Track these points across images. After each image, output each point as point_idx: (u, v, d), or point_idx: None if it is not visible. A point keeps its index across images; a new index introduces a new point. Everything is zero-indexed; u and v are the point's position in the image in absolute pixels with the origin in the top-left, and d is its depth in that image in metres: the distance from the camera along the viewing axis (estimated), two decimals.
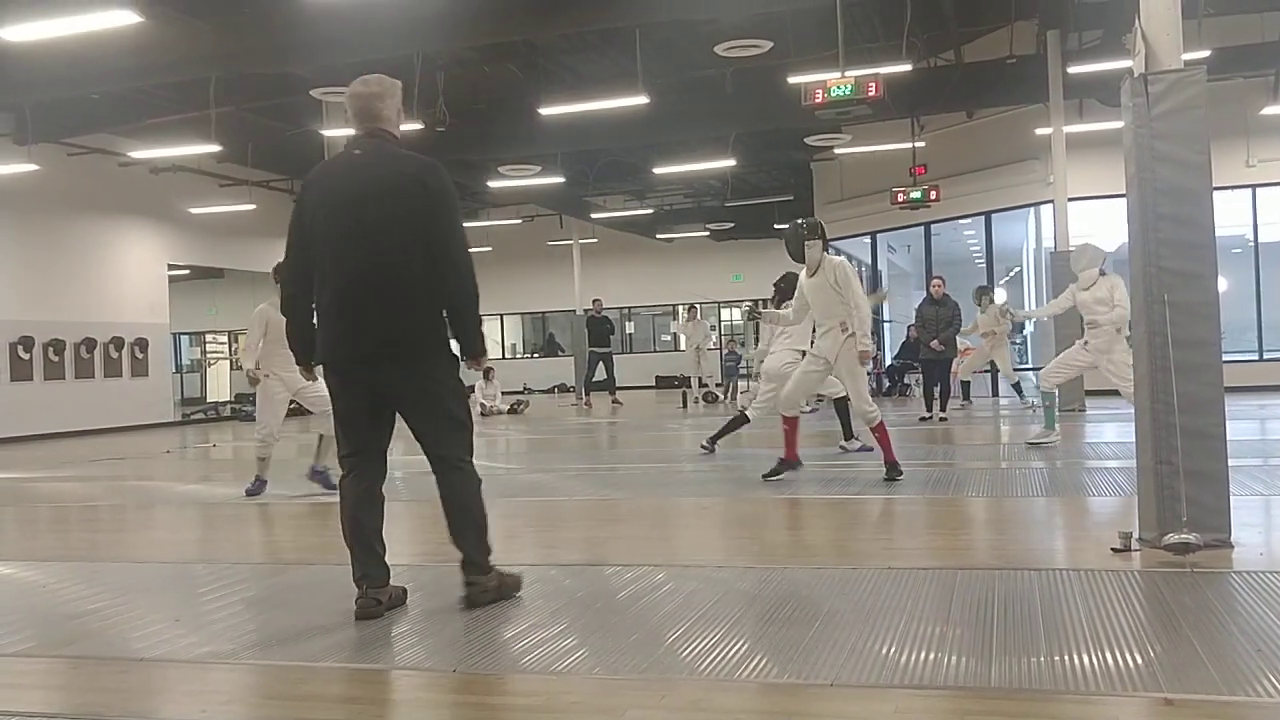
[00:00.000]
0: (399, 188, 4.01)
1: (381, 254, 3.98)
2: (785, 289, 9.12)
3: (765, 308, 9.21)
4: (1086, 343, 8.97)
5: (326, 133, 14.97)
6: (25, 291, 16.54)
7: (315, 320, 4.14)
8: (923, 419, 12.64)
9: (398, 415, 4.19)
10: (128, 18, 9.01)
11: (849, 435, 9.39)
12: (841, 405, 9.31)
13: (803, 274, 7.61)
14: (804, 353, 8.00)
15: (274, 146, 17.43)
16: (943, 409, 12.88)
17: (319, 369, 4.27)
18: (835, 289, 7.32)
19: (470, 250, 4.16)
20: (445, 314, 4.11)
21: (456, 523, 4.15)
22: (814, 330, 7.85)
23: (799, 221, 7.54)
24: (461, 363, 4.30)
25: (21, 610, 4.57)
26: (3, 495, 9.54)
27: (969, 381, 15.12)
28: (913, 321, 19.90)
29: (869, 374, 19.05)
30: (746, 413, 9.56)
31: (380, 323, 3.98)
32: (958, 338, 13.63)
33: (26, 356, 16.50)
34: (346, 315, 4.01)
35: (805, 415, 9.03)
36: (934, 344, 12.93)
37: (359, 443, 4.16)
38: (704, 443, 9.66)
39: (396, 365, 4.02)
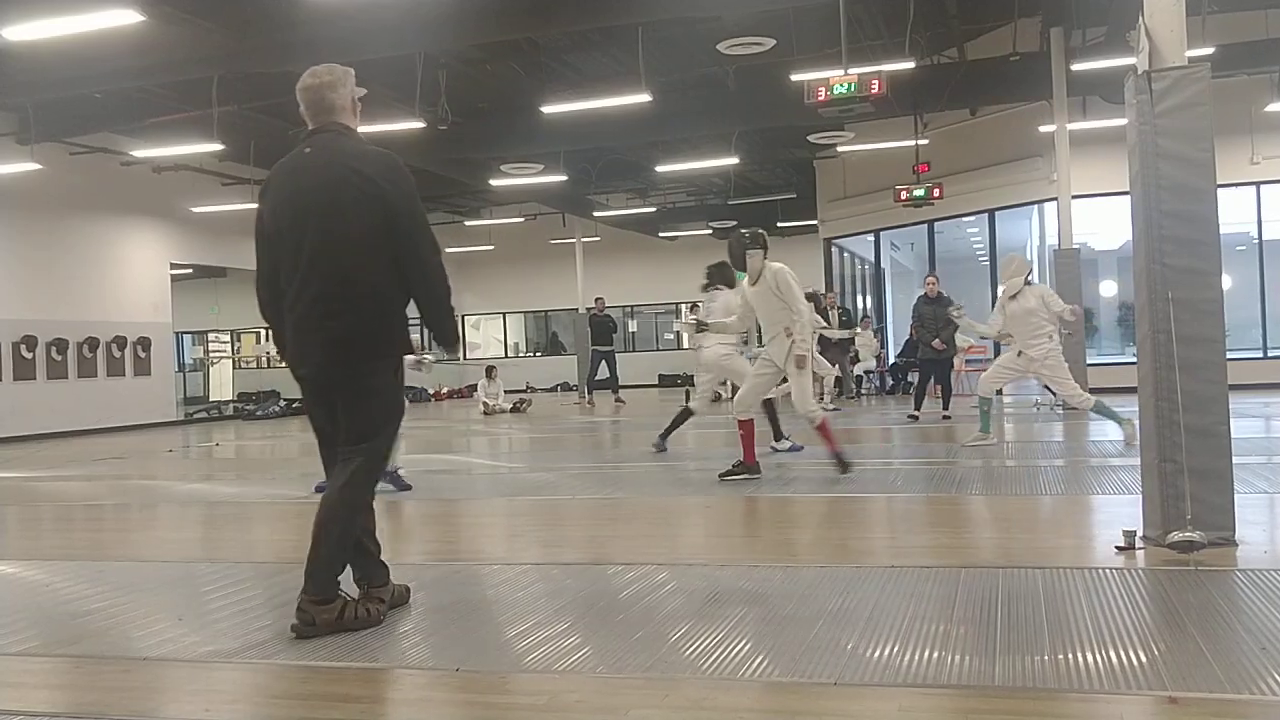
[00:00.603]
0: (353, 185, 3.84)
1: (335, 258, 3.83)
2: (716, 274, 9.35)
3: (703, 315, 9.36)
4: (1020, 352, 9.07)
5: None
6: (28, 291, 16.55)
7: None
8: (910, 416, 12.55)
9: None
10: (130, 17, 9.02)
11: (778, 436, 9.52)
12: (769, 406, 9.47)
13: (745, 282, 7.75)
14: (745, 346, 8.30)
15: (277, 145, 17.38)
16: (945, 407, 12.78)
17: None
18: (777, 296, 7.48)
19: (434, 241, 3.98)
20: (406, 312, 3.96)
21: (315, 532, 3.85)
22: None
23: (741, 231, 7.76)
24: (431, 353, 4.20)
25: (25, 609, 4.58)
26: (6, 494, 9.55)
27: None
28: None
29: (873, 372, 19.15)
30: (690, 406, 9.81)
31: (328, 322, 3.84)
32: (957, 337, 13.56)
33: (29, 356, 16.51)
34: (304, 316, 3.89)
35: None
36: (935, 344, 12.78)
37: (325, 445, 4.05)
38: (654, 442, 9.81)
39: (344, 363, 3.88)
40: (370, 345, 3.90)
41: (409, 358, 4.26)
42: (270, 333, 4.14)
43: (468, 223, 26.78)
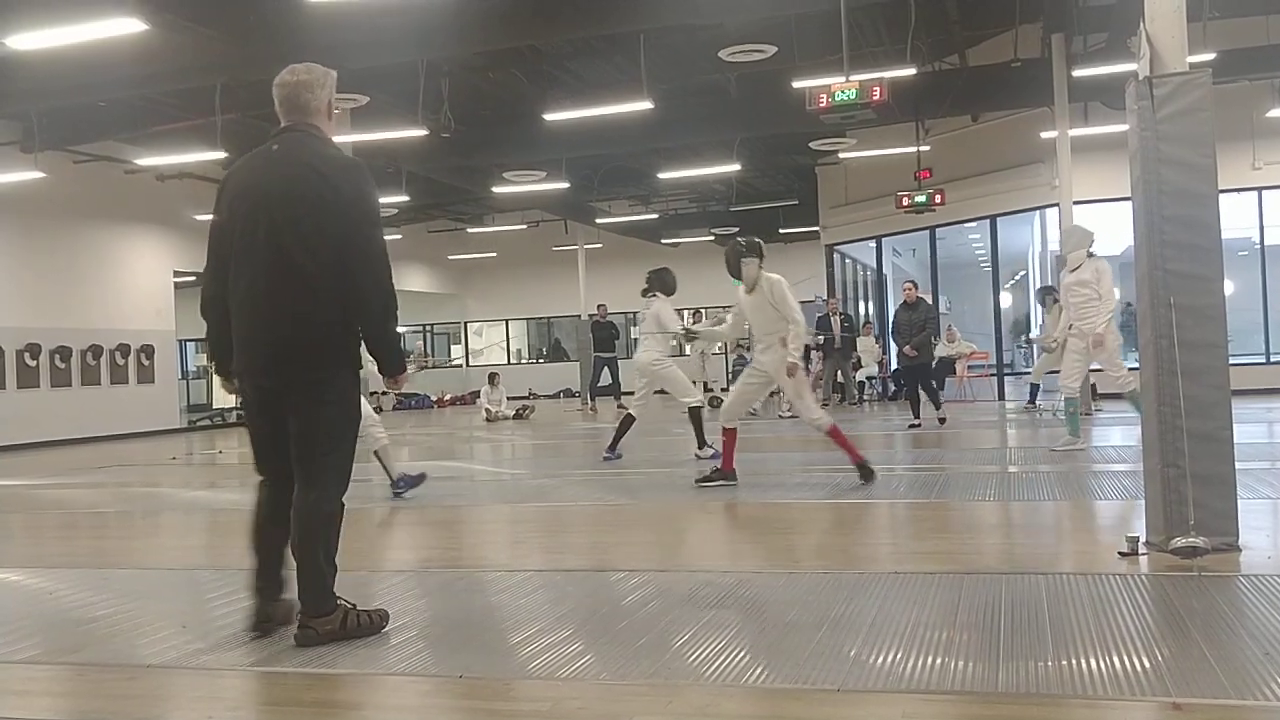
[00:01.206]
0: (310, 187, 3.74)
1: (283, 257, 3.72)
2: (655, 282, 9.66)
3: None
4: (1071, 326, 8.87)
5: (332, 139, 15.00)
6: (32, 299, 16.58)
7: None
8: (912, 425, 12.30)
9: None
10: (134, 25, 9.04)
11: (701, 444, 9.60)
12: (695, 414, 9.69)
13: (740, 290, 7.77)
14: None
15: None
16: (938, 407, 12.61)
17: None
18: (773, 305, 7.49)
19: (386, 259, 3.85)
20: (356, 328, 3.84)
21: (297, 551, 3.82)
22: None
23: (738, 240, 7.76)
24: (375, 379, 4.09)
25: (28, 617, 4.58)
26: (10, 502, 9.56)
27: (1038, 385, 14.89)
28: None
29: (875, 378, 19.12)
30: (630, 412, 10.00)
31: (280, 327, 3.74)
32: (935, 342, 13.44)
33: (33, 363, 16.54)
34: (249, 318, 3.78)
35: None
36: (907, 349, 12.65)
37: (261, 452, 3.96)
38: (606, 452, 9.91)
39: (291, 371, 3.77)
40: (321, 352, 3.78)
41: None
42: (207, 333, 3.95)
43: (470, 230, 26.80)
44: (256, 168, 3.89)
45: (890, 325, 13.59)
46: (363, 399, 4.14)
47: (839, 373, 17.86)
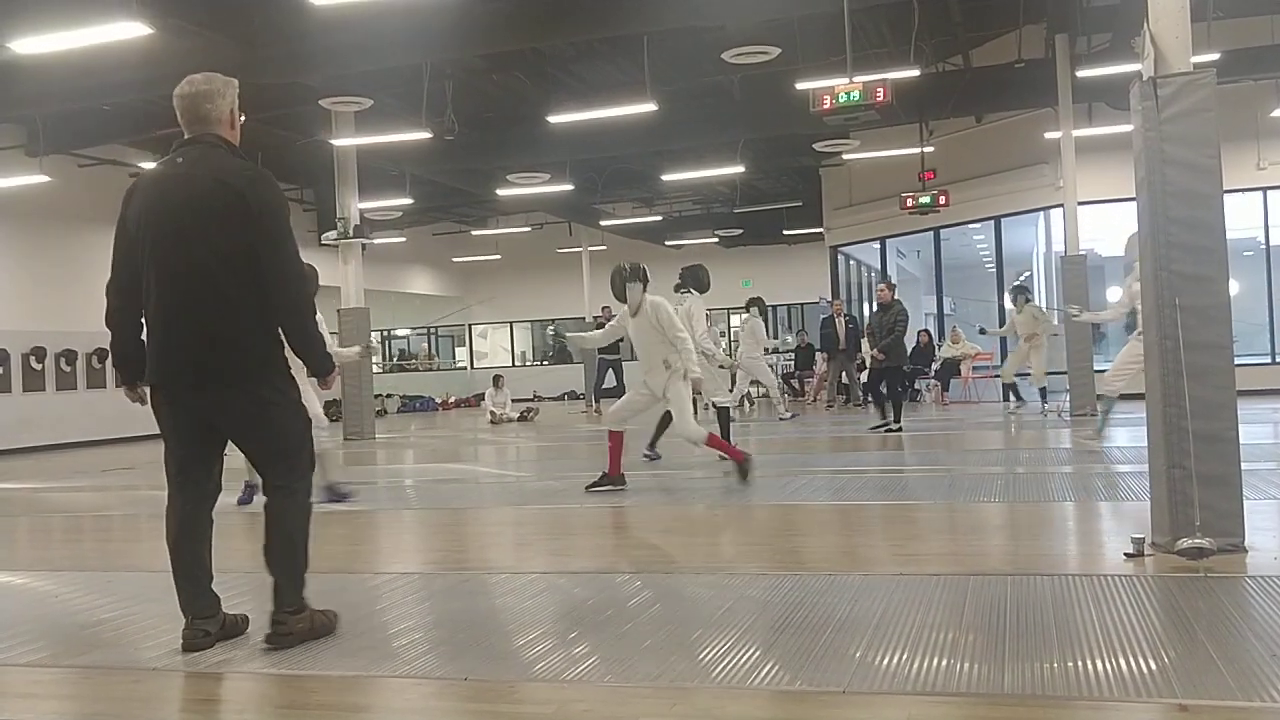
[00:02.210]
0: (218, 200, 3.73)
1: (200, 270, 3.73)
2: (689, 280, 9.74)
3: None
4: (1140, 333, 8.76)
5: (336, 142, 15.04)
6: (37, 303, 16.61)
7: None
8: (873, 428, 12.10)
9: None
10: (138, 29, 9.05)
11: (651, 445, 9.86)
12: (664, 420, 9.70)
13: (624, 311, 7.89)
14: None
15: (284, 156, 17.49)
16: (897, 419, 12.05)
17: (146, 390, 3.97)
18: (657, 329, 7.63)
19: (300, 265, 3.88)
20: (276, 329, 3.86)
21: (273, 551, 3.87)
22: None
23: (622, 265, 7.90)
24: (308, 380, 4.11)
25: (34, 620, 4.59)
26: (15, 505, 9.58)
27: (1014, 384, 14.99)
28: (922, 327, 19.89)
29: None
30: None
31: (200, 342, 3.75)
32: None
33: (39, 367, 16.58)
34: (166, 333, 3.79)
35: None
36: (874, 354, 12.32)
37: (183, 467, 3.96)
38: (646, 450, 9.94)
39: (220, 385, 3.79)
40: (246, 362, 3.80)
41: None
42: (112, 344, 3.96)
43: (474, 232, 26.81)
44: (163, 181, 3.87)
45: (865, 328, 13.55)
46: (316, 401, 4.17)
47: (844, 374, 17.85)
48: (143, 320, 3.88)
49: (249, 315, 3.78)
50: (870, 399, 12.89)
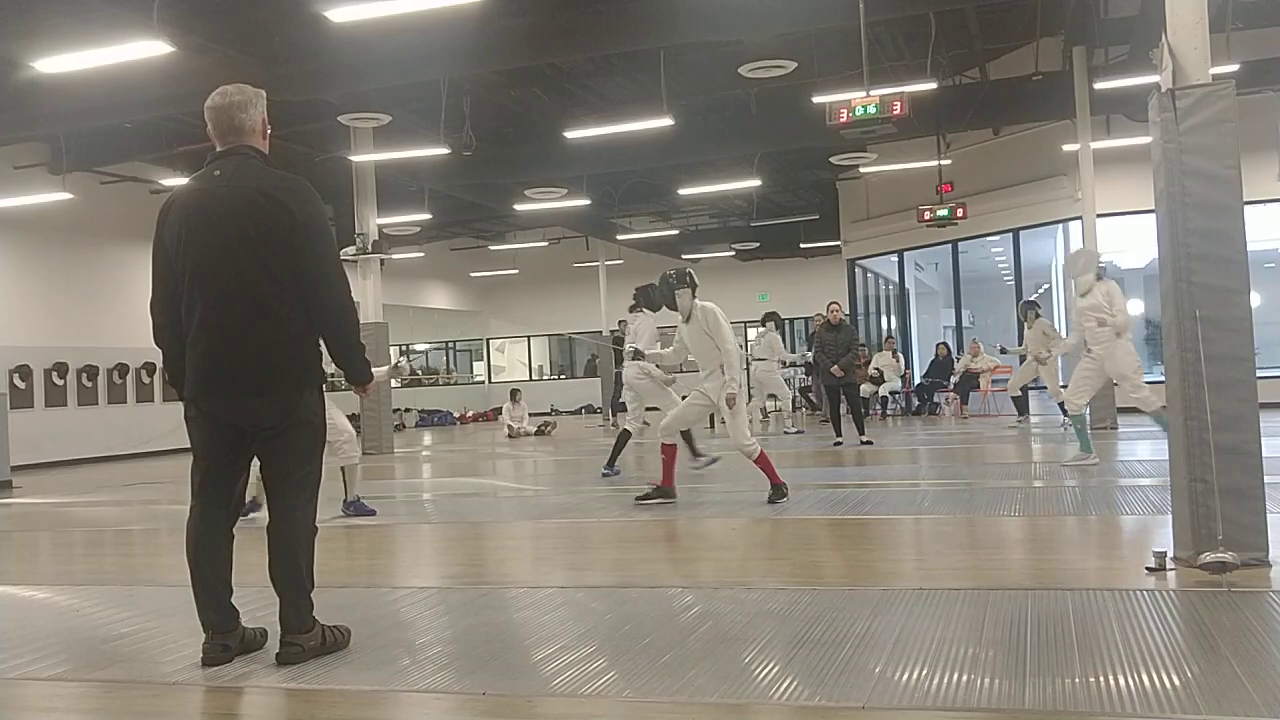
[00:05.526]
0: (261, 211, 3.75)
1: (242, 282, 3.74)
2: (641, 298, 9.31)
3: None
4: (1089, 350, 8.82)
5: (355, 158, 15.15)
6: (59, 318, 16.76)
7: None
8: (836, 444, 12.28)
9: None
10: (159, 48, 9.15)
11: (610, 463, 10.14)
12: (623, 438, 10.13)
13: (679, 320, 7.88)
14: None
15: (303, 172, 17.50)
16: (861, 432, 12.42)
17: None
18: (708, 334, 7.61)
19: (343, 273, 3.91)
20: (320, 343, 3.89)
21: (279, 569, 3.89)
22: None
23: (669, 272, 7.88)
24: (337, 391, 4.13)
25: (56, 634, 4.61)
26: (38, 520, 9.65)
27: (1021, 397, 15.02)
28: (940, 340, 19.83)
29: (898, 393, 19.06)
30: (626, 428, 10.40)
31: (241, 354, 3.76)
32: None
33: (61, 383, 16.70)
34: (207, 346, 3.79)
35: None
36: (834, 369, 12.57)
37: (208, 478, 3.96)
38: (604, 468, 10.08)
39: (256, 397, 3.79)
40: (288, 376, 3.81)
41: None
42: (164, 359, 4.00)
43: (492, 247, 26.93)
44: (202, 195, 3.86)
45: (814, 343, 13.76)
46: (340, 415, 4.18)
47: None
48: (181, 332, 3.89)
49: (296, 326, 3.80)
50: (828, 415, 13.09)
